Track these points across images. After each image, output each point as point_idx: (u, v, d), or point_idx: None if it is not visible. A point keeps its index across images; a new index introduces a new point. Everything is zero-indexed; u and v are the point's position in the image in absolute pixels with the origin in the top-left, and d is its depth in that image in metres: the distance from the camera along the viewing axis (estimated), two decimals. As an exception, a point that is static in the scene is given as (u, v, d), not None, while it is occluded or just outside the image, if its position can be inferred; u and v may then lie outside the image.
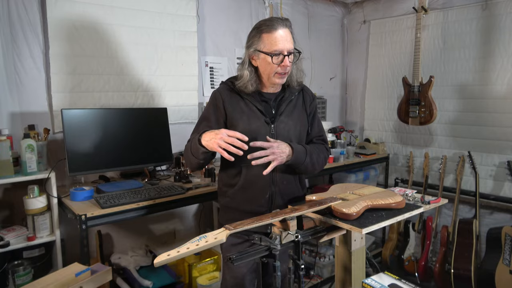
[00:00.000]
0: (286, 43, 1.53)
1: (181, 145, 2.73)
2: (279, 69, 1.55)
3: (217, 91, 1.68)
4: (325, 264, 2.99)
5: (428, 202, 1.53)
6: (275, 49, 1.52)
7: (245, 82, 1.60)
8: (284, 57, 1.53)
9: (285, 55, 1.53)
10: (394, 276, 1.20)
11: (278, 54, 1.53)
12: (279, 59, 1.53)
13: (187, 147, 1.63)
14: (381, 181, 3.61)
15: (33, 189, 1.95)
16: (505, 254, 2.60)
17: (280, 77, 1.58)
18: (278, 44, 1.52)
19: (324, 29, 3.70)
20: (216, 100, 1.65)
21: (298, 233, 1.28)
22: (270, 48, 1.53)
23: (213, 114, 1.65)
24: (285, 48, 1.53)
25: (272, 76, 1.58)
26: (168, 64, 2.64)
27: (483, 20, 2.88)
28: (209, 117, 1.65)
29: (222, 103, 1.63)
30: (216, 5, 2.91)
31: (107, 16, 2.36)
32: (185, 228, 2.85)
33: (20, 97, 2.14)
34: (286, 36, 1.54)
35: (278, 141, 1.55)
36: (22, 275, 1.94)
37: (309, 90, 1.79)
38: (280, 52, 1.53)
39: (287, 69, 1.57)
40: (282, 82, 1.61)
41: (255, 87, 1.61)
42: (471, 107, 3.01)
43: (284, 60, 1.53)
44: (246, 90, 1.61)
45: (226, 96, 1.64)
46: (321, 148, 1.76)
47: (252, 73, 1.60)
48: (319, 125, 1.82)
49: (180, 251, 1.04)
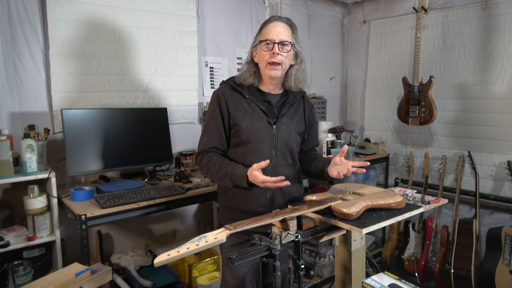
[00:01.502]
0: (279, 34, 1.57)
1: (181, 145, 2.76)
2: (268, 56, 1.57)
3: (219, 91, 1.68)
4: (325, 264, 2.99)
5: (428, 202, 1.53)
6: (266, 37, 1.57)
7: (244, 72, 1.65)
8: (274, 44, 1.56)
9: (275, 43, 1.56)
10: (394, 276, 1.20)
11: (268, 43, 1.57)
12: (269, 47, 1.57)
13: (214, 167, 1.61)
14: (381, 181, 3.60)
15: (33, 189, 1.95)
16: (505, 254, 2.60)
17: (272, 68, 1.59)
18: (270, 33, 1.57)
19: (324, 29, 3.70)
20: (219, 99, 1.66)
21: (298, 233, 1.28)
22: (263, 37, 1.59)
23: (219, 115, 1.66)
24: (277, 38, 1.57)
25: (265, 67, 1.60)
26: (168, 64, 2.64)
27: (483, 20, 2.88)
28: (216, 118, 1.66)
29: (225, 103, 1.64)
30: (216, 5, 2.90)
31: (107, 16, 2.36)
32: (185, 228, 2.85)
33: (20, 97, 2.14)
34: (281, 28, 1.58)
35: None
36: (22, 275, 1.94)
37: (309, 100, 1.84)
38: (271, 40, 1.56)
39: (278, 57, 1.57)
40: (275, 74, 1.61)
41: (253, 78, 1.64)
42: (471, 107, 3.00)
43: (274, 47, 1.56)
44: (245, 82, 1.64)
45: (229, 96, 1.65)
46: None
47: (251, 66, 1.65)
48: (316, 134, 1.91)
49: (180, 251, 1.04)
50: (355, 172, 1.54)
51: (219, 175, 1.59)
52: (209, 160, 1.63)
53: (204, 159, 1.65)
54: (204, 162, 1.65)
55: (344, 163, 1.58)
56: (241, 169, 1.53)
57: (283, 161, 1.68)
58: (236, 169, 1.54)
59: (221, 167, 1.59)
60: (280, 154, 1.66)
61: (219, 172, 1.59)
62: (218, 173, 1.59)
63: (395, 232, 3.28)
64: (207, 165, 1.63)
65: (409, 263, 3.08)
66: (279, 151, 1.66)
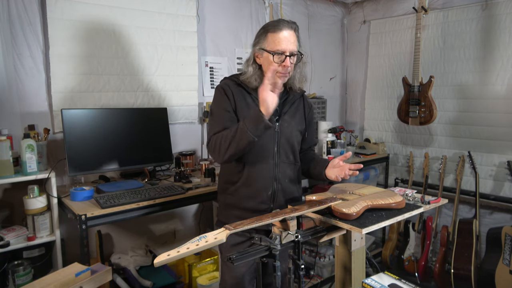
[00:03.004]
0: (289, 44, 1.55)
1: (181, 145, 2.76)
2: (280, 68, 1.55)
3: (224, 84, 1.67)
4: (325, 264, 2.99)
5: (428, 202, 1.53)
6: (277, 48, 1.55)
7: (249, 77, 1.63)
8: (285, 57, 1.55)
9: (287, 55, 1.55)
10: (394, 276, 1.20)
11: (280, 54, 1.54)
12: (280, 59, 1.55)
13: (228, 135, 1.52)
14: (381, 181, 3.60)
15: (33, 189, 1.95)
16: (505, 254, 2.60)
17: (281, 76, 1.59)
18: (281, 44, 1.54)
19: (324, 29, 3.70)
20: (225, 91, 1.64)
21: (298, 233, 1.28)
22: (273, 47, 1.55)
23: (229, 105, 1.62)
24: (288, 49, 1.55)
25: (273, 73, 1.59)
26: (168, 64, 2.64)
27: (483, 20, 2.88)
28: (226, 107, 1.62)
29: (232, 94, 1.63)
30: (216, 5, 2.90)
31: (107, 16, 2.36)
32: (185, 228, 2.85)
33: (20, 97, 2.14)
34: (290, 37, 1.56)
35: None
36: (22, 275, 1.94)
37: (308, 99, 1.85)
38: (282, 52, 1.54)
39: (288, 69, 1.58)
40: (283, 82, 1.61)
41: (258, 82, 1.62)
42: (471, 107, 3.00)
43: (285, 60, 1.55)
44: (250, 85, 1.64)
45: (235, 89, 1.65)
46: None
47: (256, 69, 1.63)
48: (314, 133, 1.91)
49: (180, 251, 1.04)
50: (351, 174, 1.57)
51: (231, 137, 1.50)
52: (220, 134, 1.56)
53: (218, 136, 1.57)
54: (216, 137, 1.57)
55: (342, 166, 1.60)
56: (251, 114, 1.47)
57: (285, 159, 1.69)
58: (245, 120, 1.48)
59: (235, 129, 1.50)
60: (282, 151, 1.67)
61: (230, 135, 1.51)
62: (229, 136, 1.51)
63: (395, 232, 3.28)
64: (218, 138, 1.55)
65: (409, 263, 3.08)
66: (281, 148, 1.66)
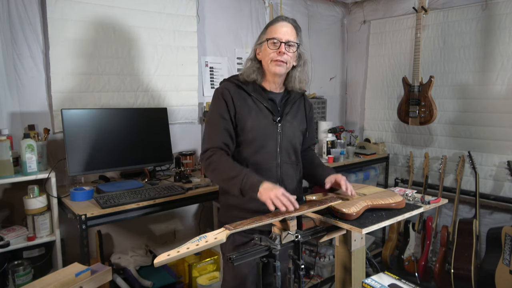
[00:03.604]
0: (286, 34, 1.59)
1: (181, 145, 2.76)
2: (274, 54, 1.57)
3: (223, 87, 1.66)
4: (325, 264, 2.99)
5: (428, 202, 1.53)
6: (273, 36, 1.58)
7: (247, 68, 1.65)
8: (280, 43, 1.57)
9: (282, 42, 1.57)
10: (394, 276, 1.20)
11: (275, 41, 1.58)
12: (275, 45, 1.58)
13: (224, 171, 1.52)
14: (381, 181, 3.60)
15: (33, 189, 1.95)
16: (505, 254, 2.60)
17: (277, 65, 1.59)
18: (277, 32, 1.59)
19: (324, 29, 3.70)
20: (224, 95, 1.63)
21: (298, 233, 1.28)
22: (270, 35, 1.60)
23: (226, 112, 1.62)
24: (284, 37, 1.58)
25: (269, 63, 1.60)
26: (168, 64, 2.64)
27: (483, 20, 2.88)
28: (223, 115, 1.61)
29: (231, 99, 1.62)
30: (216, 5, 2.90)
31: (107, 16, 2.35)
32: (185, 228, 2.85)
33: (20, 97, 2.14)
34: (287, 28, 1.60)
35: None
36: (22, 275, 1.94)
37: (308, 99, 1.86)
38: (278, 39, 1.57)
39: (284, 57, 1.58)
40: (280, 71, 1.61)
41: (256, 74, 1.64)
42: (471, 107, 3.00)
43: (281, 46, 1.57)
44: (248, 78, 1.64)
45: (234, 92, 1.64)
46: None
47: (255, 62, 1.66)
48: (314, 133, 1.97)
49: (180, 251, 1.04)
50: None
51: (228, 175, 1.50)
52: (220, 159, 1.55)
53: (215, 156, 1.56)
54: (215, 158, 1.55)
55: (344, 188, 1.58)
56: (255, 177, 1.46)
57: (287, 160, 1.68)
58: (250, 175, 1.46)
59: (234, 168, 1.51)
60: (285, 152, 1.67)
61: (228, 173, 1.50)
62: (227, 173, 1.50)
63: (395, 232, 3.28)
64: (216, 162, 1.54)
65: (409, 263, 3.08)
66: (283, 149, 1.66)
